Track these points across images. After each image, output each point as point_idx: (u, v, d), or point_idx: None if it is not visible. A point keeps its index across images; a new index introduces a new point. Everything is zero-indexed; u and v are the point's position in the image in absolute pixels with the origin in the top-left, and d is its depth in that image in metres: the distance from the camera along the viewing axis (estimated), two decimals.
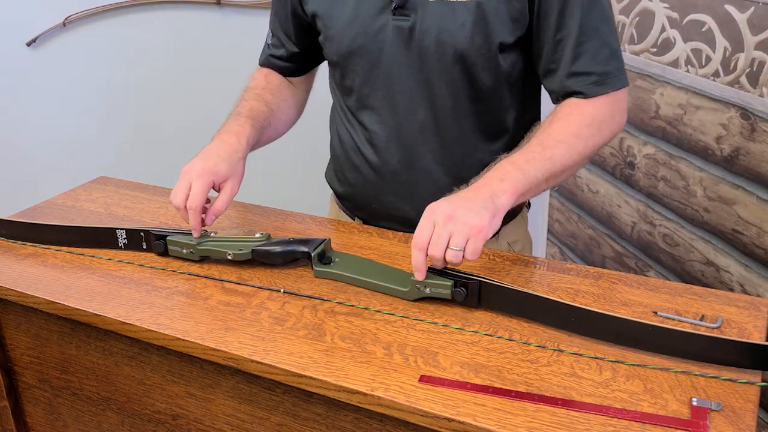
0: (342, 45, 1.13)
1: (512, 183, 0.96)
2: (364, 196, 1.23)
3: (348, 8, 1.10)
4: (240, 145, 1.13)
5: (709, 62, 1.45)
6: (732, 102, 1.40)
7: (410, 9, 1.06)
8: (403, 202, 1.18)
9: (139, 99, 2.46)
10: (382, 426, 0.83)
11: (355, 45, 1.12)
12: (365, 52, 1.11)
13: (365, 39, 1.10)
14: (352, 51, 1.13)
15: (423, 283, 0.94)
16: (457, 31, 1.05)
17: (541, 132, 1.05)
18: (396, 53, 1.09)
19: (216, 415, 0.97)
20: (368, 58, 1.12)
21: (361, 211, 1.27)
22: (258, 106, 1.22)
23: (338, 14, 1.12)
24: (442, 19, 1.05)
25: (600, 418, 0.74)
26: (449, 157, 1.14)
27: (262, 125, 1.21)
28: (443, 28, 1.05)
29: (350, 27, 1.11)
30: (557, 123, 1.05)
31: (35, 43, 2.34)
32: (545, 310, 0.89)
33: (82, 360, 1.06)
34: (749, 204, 1.39)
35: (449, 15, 1.04)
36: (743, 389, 0.78)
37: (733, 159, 1.41)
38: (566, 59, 1.06)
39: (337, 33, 1.13)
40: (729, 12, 1.38)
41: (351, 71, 1.15)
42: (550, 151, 1.01)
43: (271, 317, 0.93)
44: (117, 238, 1.12)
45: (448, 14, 1.04)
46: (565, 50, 1.05)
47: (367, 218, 1.26)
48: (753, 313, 0.93)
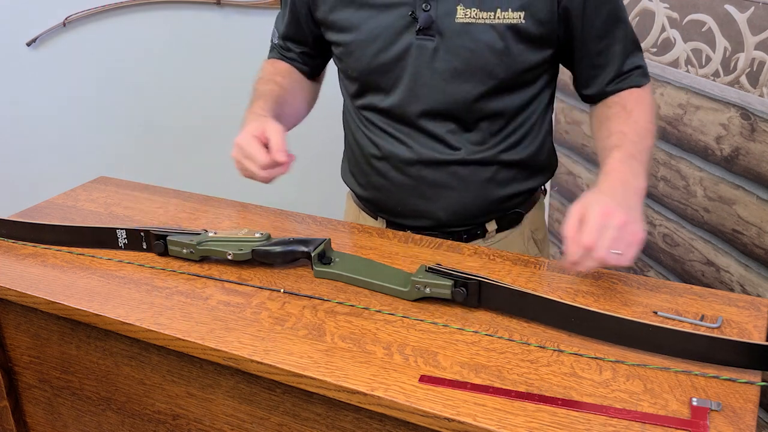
0: (362, 63, 1.13)
1: (642, 179, 0.99)
2: (391, 200, 1.22)
3: (368, 25, 1.09)
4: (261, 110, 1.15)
5: (709, 62, 1.45)
6: (732, 102, 1.40)
7: (434, 30, 1.06)
8: (430, 204, 1.18)
9: (139, 99, 2.47)
10: (382, 426, 0.83)
11: (375, 63, 1.11)
12: (387, 70, 1.11)
13: (387, 57, 1.10)
14: (373, 69, 1.12)
15: (423, 283, 0.94)
16: (483, 53, 1.05)
17: (627, 121, 1.08)
18: (419, 72, 1.09)
19: (216, 415, 0.97)
20: (390, 75, 1.12)
21: (386, 212, 1.26)
22: (269, 87, 1.23)
23: (358, 30, 1.11)
24: (470, 40, 1.05)
25: (600, 418, 0.74)
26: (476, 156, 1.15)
27: (277, 101, 1.20)
28: (469, 48, 1.05)
29: (371, 45, 1.10)
30: (635, 111, 1.09)
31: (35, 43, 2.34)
32: (545, 310, 0.89)
33: (82, 360, 1.06)
34: (749, 204, 1.39)
35: (475, 36, 1.04)
36: (743, 389, 0.78)
37: (733, 159, 1.41)
38: (615, 62, 1.11)
39: (357, 49, 1.12)
40: (729, 12, 1.38)
41: (372, 87, 1.16)
42: (646, 141, 1.06)
43: (271, 317, 0.93)
44: (117, 238, 1.12)
45: (473, 36, 1.04)
46: (613, 54, 1.11)
47: (393, 218, 1.25)
48: (753, 313, 0.93)
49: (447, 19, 1.05)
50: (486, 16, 1.03)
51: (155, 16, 2.37)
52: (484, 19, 1.04)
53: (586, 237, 0.88)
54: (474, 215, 1.20)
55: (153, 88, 2.45)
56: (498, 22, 1.04)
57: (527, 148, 1.18)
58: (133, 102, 2.47)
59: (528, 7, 1.03)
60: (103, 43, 2.38)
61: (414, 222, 1.22)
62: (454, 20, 1.04)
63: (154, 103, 2.48)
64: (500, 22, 1.03)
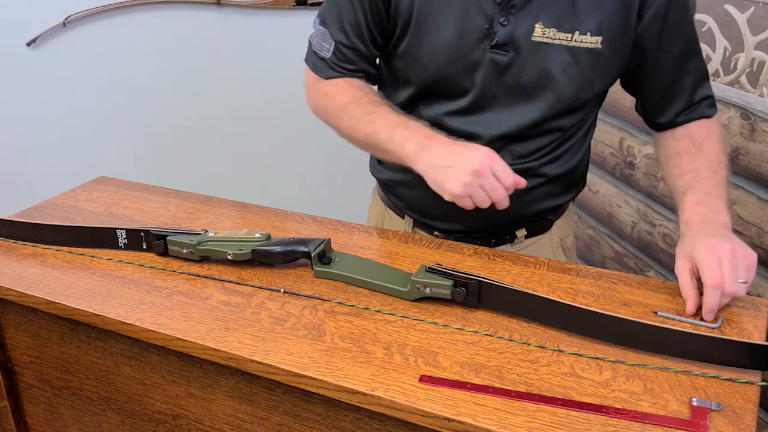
0: (428, 71, 1.08)
1: (726, 214, 1.00)
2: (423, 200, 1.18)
3: (445, 33, 1.05)
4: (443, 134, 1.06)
5: (709, 62, 1.45)
6: (732, 102, 1.40)
7: (510, 45, 1.03)
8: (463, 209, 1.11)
9: (139, 99, 2.47)
10: (382, 426, 0.83)
11: (443, 73, 1.08)
12: (453, 80, 1.08)
13: (456, 68, 1.07)
14: (439, 78, 1.08)
15: (423, 283, 0.94)
16: (557, 74, 1.04)
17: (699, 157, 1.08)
18: (487, 86, 1.07)
19: (216, 415, 0.97)
20: (455, 86, 1.09)
21: (416, 212, 1.24)
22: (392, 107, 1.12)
23: (433, 36, 1.06)
24: (544, 60, 1.03)
25: (600, 418, 0.74)
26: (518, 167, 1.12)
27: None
28: (543, 69, 1.04)
29: (443, 53, 1.06)
30: (706, 146, 1.09)
31: (35, 43, 2.34)
32: (545, 310, 0.89)
33: (82, 360, 1.06)
34: (749, 204, 1.39)
35: (550, 56, 1.03)
36: (743, 389, 0.78)
37: (733, 159, 1.41)
38: (686, 93, 1.11)
39: (425, 56, 1.08)
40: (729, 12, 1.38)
41: (432, 95, 1.12)
42: (721, 174, 1.06)
43: (271, 317, 0.93)
44: (117, 238, 1.12)
45: (548, 56, 1.03)
46: (684, 86, 1.10)
47: (421, 218, 1.23)
48: (753, 313, 0.93)
49: (524, 36, 1.02)
50: (563, 37, 1.02)
51: (155, 16, 2.37)
52: (560, 40, 1.02)
53: (709, 279, 0.89)
54: (506, 223, 1.19)
55: (153, 88, 2.45)
56: (575, 45, 1.02)
57: (568, 163, 1.16)
58: (133, 102, 2.47)
59: (606, 32, 1.02)
60: (103, 43, 2.38)
61: (443, 225, 1.21)
62: (530, 38, 1.02)
63: (154, 103, 2.47)
64: (577, 44, 1.02)
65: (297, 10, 2.32)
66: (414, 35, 1.08)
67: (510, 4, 1.01)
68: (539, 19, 1.02)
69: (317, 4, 2.26)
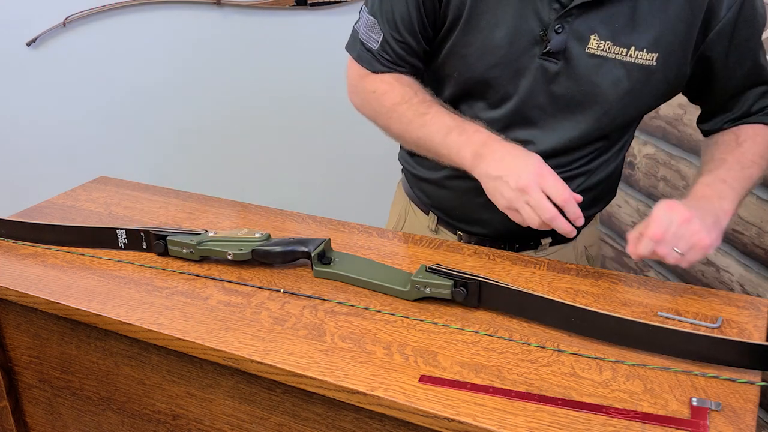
0: (474, 70, 1.04)
1: (730, 203, 0.97)
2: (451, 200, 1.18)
3: (496, 33, 1.01)
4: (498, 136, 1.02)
5: None
6: None
7: (562, 55, 1.00)
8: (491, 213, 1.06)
9: (139, 99, 2.47)
10: (382, 426, 0.83)
11: (489, 74, 1.04)
12: (498, 83, 1.04)
13: (503, 71, 1.03)
14: (483, 79, 1.05)
15: (423, 283, 0.94)
16: (606, 89, 1.01)
17: (732, 151, 1.05)
18: (532, 92, 1.03)
19: (216, 415, 0.97)
20: (499, 89, 1.05)
21: (441, 210, 1.22)
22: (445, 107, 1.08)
23: (483, 35, 1.02)
24: (595, 73, 1.00)
25: (600, 418, 0.74)
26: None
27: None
28: (593, 82, 1.01)
29: (491, 54, 1.02)
30: (747, 144, 1.06)
31: (35, 43, 2.34)
32: (545, 310, 0.89)
33: (82, 360, 1.06)
34: (749, 204, 1.39)
35: (603, 70, 1.00)
36: (743, 389, 0.78)
37: None
38: (747, 104, 1.08)
39: (473, 54, 1.03)
40: None
41: (474, 96, 1.08)
42: (749, 170, 1.03)
43: (271, 317, 0.93)
44: (117, 238, 1.12)
45: (601, 69, 1.00)
46: (747, 98, 1.08)
47: (446, 218, 1.21)
48: (753, 313, 0.93)
49: (578, 46, 0.99)
50: (618, 52, 0.98)
51: (155, 16, 2.37)
52: (615, 54, 0.98)
53: (649, 229, 0.90)
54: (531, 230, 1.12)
55: (153, 88, 2.45)
56: (629, 60, 0.99)
57: (601, 174, 1.14)
58: (133, 102, 2.47)
59: (663, 50, 0.98)
60: (103, 43, 2.38)
61: (468, 227, 1.19)
62: (584, 49, 0.99)
63: (154, 103, 2.47)
64: (632, 60, 0.99)
65: (297, 10, 2.32)
66: (464, 31, 1.03)
67: (568, 12, 0.97)
68: (596, 31, 0.98)
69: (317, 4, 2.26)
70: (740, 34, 1.00)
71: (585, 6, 0.97)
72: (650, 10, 0.97)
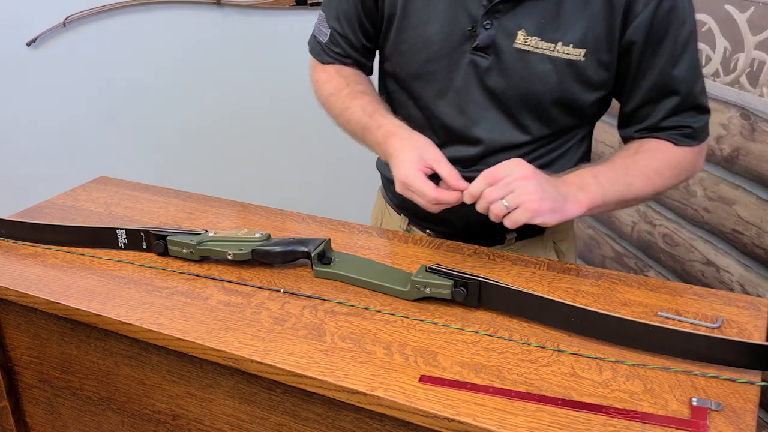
0: (411, 66, 1.10)
1: (589, 197, 0.97)
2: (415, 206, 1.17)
3: (429, 29, 1.05)
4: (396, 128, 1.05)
5: (709, 62, 1.45)
6: (732, 102, 1.40)
7: (491, 50, 1.03)
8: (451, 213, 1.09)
9: (139, 99, 2.47)
10: (382, 426, 0.83)
11: (425, 69, 1.09)
12: (434, 78, 1.09)
13: (437, 66, 1.07)
14: (420, 74, 1.10)
15: (423, 283, 0.94)
16: (536, 82, 1.03)
17: (627, 156, 1.05)
18: (467, 87, 1.07)
19: (216, 415, 0.97)
20: (436, 84, 1.09)
21: (407, 210, 1.25)
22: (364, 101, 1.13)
23: (417, 32, 1.07)
24: (524, 68, 1.02)
25: (600, 418, 0.74)
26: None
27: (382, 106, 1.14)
28: (522, 76, 1.03)
29: (425, 50, 1.07)
30: (644, 154, 1.05)
31: (35, 43, 2.34)
32: (545, 310, 0.89)
33: (82, 360, 1.06)
34: (749, 204, 1.39)
35: (530, 65, 1.02)
36: (743, 389, 0.78)
37: (733, 159, 1.41)
38: (659, 116, 1.05)
39: (409, 51, 1.09)
40: (729, 12, 1.38)
41: (418, 90, 1.12)
42: (631, 178, 1.02)
43: (271, 317, 0.93)
44: (117, 238, 1.12)
45: (529, 64, 1.02)
46: (659, 109, 1.05)
47: (413, 218, 1.25)
48: (753, 313, 0.93)
49: (506, 42, 1.02)
50: (545, 47, 1.00)
51: (155, 16, 2.37)
52: (542, 49, 1.00)
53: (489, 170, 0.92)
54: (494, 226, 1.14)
55: (153, 88, 2.45)
56: (556, 56, 1.00)
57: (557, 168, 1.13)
58: (133, 102, 2.47)
59: (590, 45, 1.00)
60: (103, 43, 2.38)
61: (434, 226, 1.22)
62: (512, 44, 1.01)
63: (154, 103, 2.48)
64: (558, 55, 1.00)
65: (297, 10, 2.32)
66: (399, 29, 1.09)
67: (495, 8, 1.01)
68: (523, 26, 1.01)
69: (317, 4, 2.26)
70: (656, 33, 1.00)
71: (511, 2, 1.00)
72: (575, 6, 0.99)
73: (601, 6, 0.98)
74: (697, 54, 1.03)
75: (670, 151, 1.06)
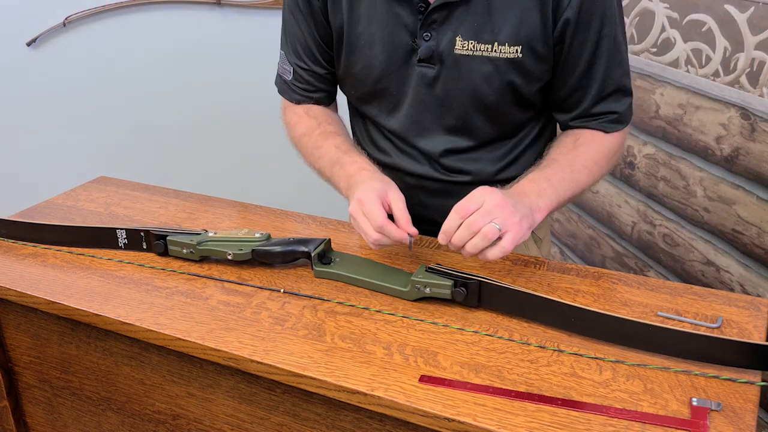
0: (364, 86, 1.13)
1: (547, 201, 0.98)
2: None
3: (374, 50, 1.08)
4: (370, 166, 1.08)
5: (709, 62, 1.45)
6: (732, 102, 1.40)
7: (435, 59, 1.05)
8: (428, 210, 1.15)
9: (139, 99, 2.47)
10: (382, 426, 0.83)
11: (377, 87, 1.11)
12: (388, 93, 1.11)
13: (389, 83, 1.10)
14: (374, 92, 1.12)
15: (423, 283, 0.94)
16: (482, 84, 1.05)
17: (567, 152, 1.07)
18: (419, 97, 1.09)
19: (216, 415, 0.97)
20: (390, 99, 1.12)
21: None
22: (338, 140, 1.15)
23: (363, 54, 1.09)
24: (468, 71, 1.04)
25: (600, 418, 0.74)
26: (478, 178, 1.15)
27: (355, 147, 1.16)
28: (468, 80, 1.05)
29: (374, 69, 1.09)
30: (582, 148, 1.08)
31: (35, 43, 2.34)
32: (545, 310, 0.89)
33: (82, 360, 1.06)
34: (749, 204, 1.39)
35: (472, 67, 1.04)
36: (743, 389, 0.78)
37: (733, 159, 1.41)
38: (587, 103, 1.09)
39: (360, 72, 1.11)
40: (729, 12, 1.38)
41: (371, 106, 1.16)
42: (577, 175, 1.04)
43: (271, 317, 0.93)
44: (117, 238, 1.12)
45: (471, 66, 1.04)
46: (587, 97, 1.08)
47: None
48: (753, 313, 0.93)
49: (447, 49, 1.04)
50: (484, 48, 1.02)
51: (155, 16, 2.37)
52: (482, 51, 1.02)
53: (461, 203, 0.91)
54: None
55: (153, 88, 2.45)
56: (495, 56, 1.02)
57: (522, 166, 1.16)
58: (133, 102, 2.47)
59: (525, 41, 1.01)
60: (103, 43, 2.38)
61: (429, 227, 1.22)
62: (453, 51, 1.04)
63: (154, 103, 2.47)
64: (497, 55, 1.02)
65: None
66: (348, 53, 1.11)
67: (430, 19, 1.02)
68: (459, 32, 1.02)
69: None
70: (582, 23, 1.01)
71: (440, 9, 1.01)
72: (503, 5, 1.00)
73: (530, 1, 1.00)
74: (619, 36, 1.05)
75: (603, 140, 1.09)
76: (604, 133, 1.10)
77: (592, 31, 1.02)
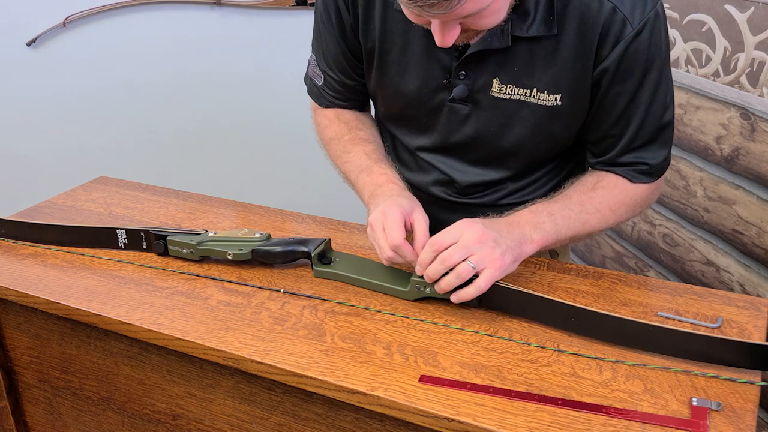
0: (393, 108, 1.13)
1: (543, 235, 0.96)
2: None
3: (406, 79, 1.06)
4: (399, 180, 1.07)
5: (709, 62, 1.45)
6: (732, 102, 1.40)
7: (469, 99, 1.03)
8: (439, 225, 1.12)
9: (139, 99, 2.47)
10: (382, 426, 0.83)
11: (406, 113, 1.11)
12: (417, 119, 1.11)
13: (418, 111, 1.09)
14: (403, 115, 1.13)
15: (423, 283, 0.94)
16: (516, 127, 1.03)
17: (583, 192, 1.04)
18: (449, 130, 1.08)
19: (216, 415, 0.97)
20: (420, 124, 1.11)
21: None
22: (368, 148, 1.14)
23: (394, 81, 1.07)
24: (503, 114, 1.03)
25: (600, 418, 0.74)
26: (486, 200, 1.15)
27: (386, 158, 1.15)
28: (503, 122, 1.03)
29: (404, 97, 1.08)
30: (601, 191, 1.04)
31: (35, 43, 2.34)
32: (545, 310, 0.89)
33: (82, 360, 1.06)
34: (749, 204, 1.39)
35: (508, 112, 1.02)
36: (743, 389, 0.78)
37: (733, 159, 1.41)
38: (615, 152, 1.05)
39: (389, 96, 1.11)
40: (729, 12, 1.38)
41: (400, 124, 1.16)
42: (586, 216, 1.01)
43: (271, 317, 0.93)
44: (117, 238, 1.12)
45: (507, 110, 1.02)
46: (616, 146, 1.04)
47: None
48: (753, 313, 0.93)
49: (482, 91, 1.02)
50: (522, 93, 1.00)
51: (155, 16, 2.37)
52: (519, 96, 1.00)
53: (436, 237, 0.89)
54: None
55: (153, 88, 2.45)
56: (533, 101, 1.00)
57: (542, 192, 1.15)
58: (133, 102, 2.47)
59: (565, 89, 0.99)
60: (103, 43, 2.38)
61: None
62: (489, 93, 1.01)
63: (154, 103, 2.47)
64: (535, 101, 1.00)
65: (297, 10, 2.32)
66: (378, 76, 1.10)
67: (467, 59, 0.99)
68: (497, 75, 1.00)
69: None
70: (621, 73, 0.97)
71: (481, 54, 0.99)
72: (545, 53, 0.97)
73: (572, 51, 0.97)
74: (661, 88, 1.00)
75: (626, 187, 1.05)
76: (630, 182, 1.05)
77: (631, 83, 0.98)
